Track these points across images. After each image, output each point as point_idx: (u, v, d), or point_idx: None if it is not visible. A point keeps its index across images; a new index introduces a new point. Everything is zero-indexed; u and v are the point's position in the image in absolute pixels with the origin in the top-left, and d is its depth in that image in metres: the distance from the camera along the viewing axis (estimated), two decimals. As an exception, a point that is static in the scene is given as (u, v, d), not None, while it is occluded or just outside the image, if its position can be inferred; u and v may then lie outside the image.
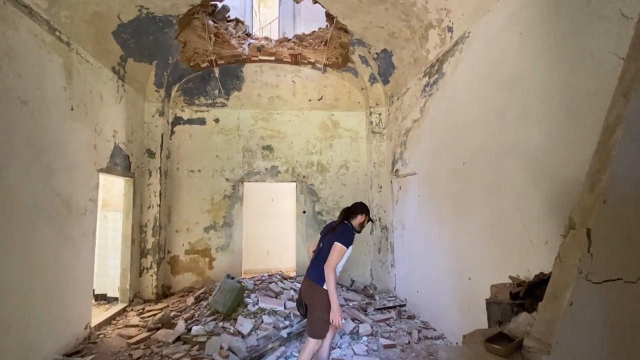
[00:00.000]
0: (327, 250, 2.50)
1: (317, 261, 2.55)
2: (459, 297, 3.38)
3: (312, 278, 2.54)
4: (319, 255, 2.56)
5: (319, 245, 2.65)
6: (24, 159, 2.80)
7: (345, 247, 2.46)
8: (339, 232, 2.54)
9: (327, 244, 2.53)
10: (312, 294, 2.51)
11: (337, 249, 2.44)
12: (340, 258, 2.46)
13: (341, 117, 6.02)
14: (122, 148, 4.54)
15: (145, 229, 5.12)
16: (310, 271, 2.59)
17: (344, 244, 2.46)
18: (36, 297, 2.93)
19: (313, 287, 2.51)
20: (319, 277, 2.47)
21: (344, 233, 2.52)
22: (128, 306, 4.63)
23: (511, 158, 2.67)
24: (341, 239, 2.48)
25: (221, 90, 5.78)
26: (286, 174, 5.87)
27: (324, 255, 2.50)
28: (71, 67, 3.42)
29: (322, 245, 2.60)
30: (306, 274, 2.64)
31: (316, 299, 2.48)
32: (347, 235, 2.52)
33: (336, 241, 2.46)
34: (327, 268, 2.41)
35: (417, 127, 4.44)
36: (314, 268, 2.56)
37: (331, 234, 2.56)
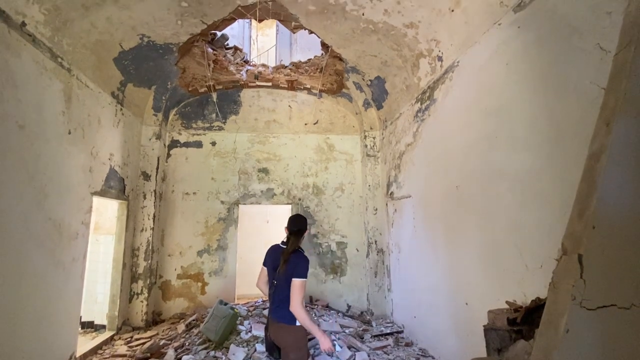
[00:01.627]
0: (285, 287, 2.25)
1: (277, 302, 2.30)
2: (457, 323, 3.31)
3: (279, 319, 2.30)
4: (277, 294, 2.30)
5: (273, 282, 2.36)
6: (18, 182, 2.78)
7: (305, 279, 2.24)
8: (293, 264, 2.26)
9: (283, 280, 2.27)
10: (284, 335, 2.29)
11: (297, 287, 2.20)
12: (304, 291, 2.23)
13: (336, 140, 6.12)
14: (118, 171, 4.54)
15: (137, 253, 5.02)
16: (274, 312, 2.32)
17: (303, 276, 2.24)
18: (22, 325, 2.82)
19: (283, 329, 2.29)
20: (286, 316, 2.25)
21: (299, 265, 2.26)
22: (116, 334, 4.45)
23: (503, 182, 2.72)
24: (299, 273, 2.23)
25: (218, 114, 5.88)
26: (282, 196, 5.87)
27: (283, 294, 2.25)
28: (71, 92, 3.48)
29: (276, 283, 2.32)
30: (270, 314, 2.39)
31: (289, 339, 2.27)
32: (304, 266, 2.28)
33: (294, 278, 2.22)
34: (295, 309, 2.18)
35: (411, 151, 4.52)
36: (277, 308, 2.30)
37: (283, 266, 2.28)
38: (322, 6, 3.89)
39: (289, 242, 2.37)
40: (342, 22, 4.11)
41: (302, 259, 2.31)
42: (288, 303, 2.22)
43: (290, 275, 2.23)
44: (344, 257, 5.78)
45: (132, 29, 3.92)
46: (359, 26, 4.10)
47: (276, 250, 2.45)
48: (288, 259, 2.29)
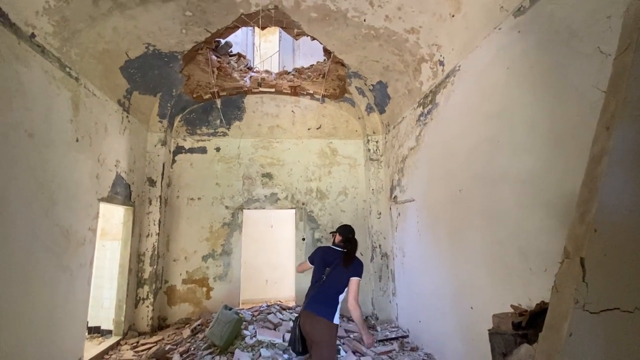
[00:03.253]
0: (335, 285, 2.48)
1: (323, 296, 2.44)
2: (462, 327, 3.29)
3: (319, 313, 2.38)
4: (325, 290, 2.45)
5: (322, 277, 2.51)
6: (26, 190, 2.84)
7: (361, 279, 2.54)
8: (355, 266, 2.56)
9: (337, 278, 2.50)
10: (322, 330, 2.36)
11: (357, 284, 2.49)
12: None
13: (339, 145, 6.15)
14: (124, 177, 4.60)
15: (143, 258, 5.06)
16: (315, 305, 2.42)
17: (361, 276, 2.54)
18: (30, 330, 2.87)
19: (322, 323, 2.36)
20: (328, 312, 2.39)
21: (360, 266, 2.58)
22: (122, 339, 4.48)
23: (505, 185, 2.72)
24: (359, 273, 2.54)
25: (222, 120, 5.95)
26: (285, 201, 5.90)
27: (332, 291, 2.46)
28: (78, 101, 3.56)
29: (325, 279, 2.48)
30: (308, 308, 2.45)
31: (326, 335, 2.36)
32: (361, 267, 2.59)
33: (355, 276, 2.50)
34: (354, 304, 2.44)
35: (414, 155, 4.53)
36: (321, 302, 2.42)
37: (343, 267, 2.54)
38: (324, 13, 3.94)
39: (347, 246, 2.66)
40: (344, 29, 4.16)
41: (360, 262, 2.62)
42: (334, 300, 2.44)
43: (350, 275, 2.50)
44: (348, 262, 5.76)
45: (137, 38, 4.01)
46: (360, 32, 4.15)
47: (328, 250, 2.73)
48: (349, 262, 2.56)
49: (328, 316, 2.38)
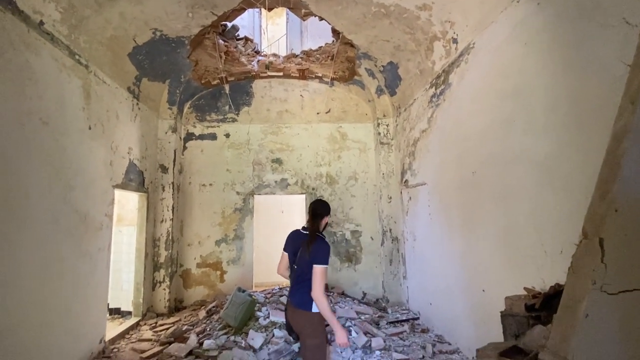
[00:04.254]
0: (306, 272, 2.19)
1: (297, 286, 2.26)
2: (473, 309, 3.30)
3: (296, 304, 2.26)
4: (298, 279, 2.26)
5: (293, 267, 2.33)
6: (45, 176, 2.92)
7: (326, 266, 2.17)
8: (315, 251, 2.19)
9: (304, 265, 2.21)
10: (301, 321, 2.26)
11: (321, 273, 2.14)
12: (325, 279, 2.18)
13: (349, 129, 6.08)
14: (137, 164, 4.68)
15: (158, 243, 5.20)
16: (292, 297, 2.30)
17: (324, 263, 2.16)
18: (54, 311, 3.01)
19: (300, 314, 2.25)
20: (304, 302, 2.21)
21: (320, 251, 2.19)
22: (141, 320, 4.67)
23: (520, 167, 2.65)
24: (319, 259, 2.16)
25: (231, 106, 5.93)
26: (295, 186, 5.91)
27: (304, 279, 2.21)
28: (89, 89, 3.59)
29: (296, 268, 2.27)
30: (288, 298, 2.37)
31: (307, 325, 2.22)
32: (325, 252, 2.20)
33: (315, 264, 2.15)
34: (316, 296, 2.12)
35: (426, 137, 4.45)
36: (296, 293, 2.27)
37: (304, 252, 2.22)
38: (332, -9, 3.81)
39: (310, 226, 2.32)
40: (353, 7, 4.03)
41: (322, 246, 2.22)
42: (306, 288, 2.17)
43: (312, 261, 2.17)
44: (358, 246, 5.81)
45: (144, 23, 3.98)
46: (370, 10, 4.01)
47: (296, 235, 2.40)
48: (309, 245, 2.22)
49: (305, 306, 2.20)
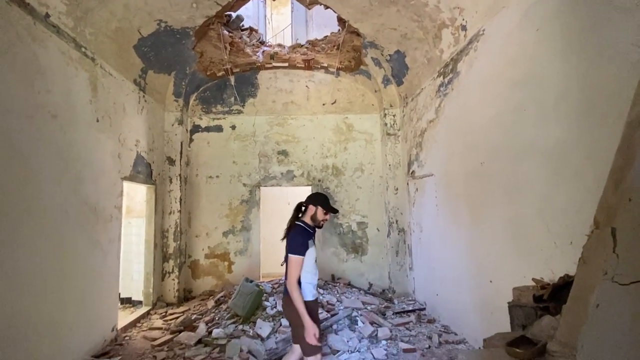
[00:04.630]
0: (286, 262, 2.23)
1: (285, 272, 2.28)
2: (480, 300, 3.30)
3: (284, 292, 2.31)
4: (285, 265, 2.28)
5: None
6: (55, 169, 2.96)
7: (299, 256, 2.17)
8: (289, 241, 2.25)
9: (286, 255, 2.25)
10: (287, 310, 2.29)
11: (291, 263, 2.16)
12: (299, 269, 2.18)
13: (355, 120, 6.03)
14: (144, 156, 4.72)
15: (166, 234, 5.28)
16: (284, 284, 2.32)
17: (296, 253, 2.18)
18: (67, 300, 3.09)
19: (286, 303, 2.27)
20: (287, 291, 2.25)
21: (292, 240, 2.23)
22: (152, 309, 4.78)
23: (530, 157, 2.60)
24: (292, 249, 2.19)
25: (237, 97, 5.92)
26: (302, 178, 5.92)
27: (286, 269, 2.23)
28: (96, 81, 3.60)
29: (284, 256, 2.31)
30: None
31: (293, 314, 2.21)
32: (296, 241, 2.22)
33: (288, 253, 2.20)
34: (289, 286, 2.15)
35: (433, 128, 4.39)
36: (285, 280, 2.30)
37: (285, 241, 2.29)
38: (338, -21, 3.74)
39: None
40: (359, -5, 3.95)
41: (294, 234, 2.25)
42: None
43: (287, 251, 2.22)
44: (364, 237, 5.82)
45: (149, 14, 3.95)
46: (376, -2, 3.92)
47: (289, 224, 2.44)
48: (286, 235, 2.31)
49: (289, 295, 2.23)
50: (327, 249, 5.77)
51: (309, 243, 2.25)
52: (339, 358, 3.19)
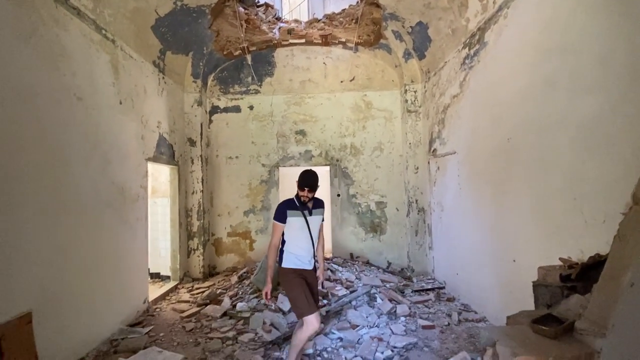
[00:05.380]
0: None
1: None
2: (502, 279, 3.24)
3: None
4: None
5: None
6: (83, 151, 3.08)
7: (276, 222, 2.51)
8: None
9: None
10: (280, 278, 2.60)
11: (272, 227, 2.57)
12: (276, 234, 2.50)
13: (374, 97, 5.86)
14: (166, 138, 4.82)
15: (190, 214, 5.46)
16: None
17: (275, 218, 2.53)
18: (103, 275, 3.29)
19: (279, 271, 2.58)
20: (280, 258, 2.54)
21: (276, 208, 2.58)
22: (179, 284, 5.04)
23: (563, 131, 2.45)
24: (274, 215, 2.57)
25: (254, 76, 5.87)
26: (319, 158, 5.89)
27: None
28: (117, 64, 3.66)
29: None
30: None
31: (284, 283, 2.53)
32: (278, 209, 2.53)
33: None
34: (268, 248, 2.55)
35: (457, 103, 4.20)
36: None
37: None
38: (356, -55, 3.52)
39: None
40: (379, -38, 3.72)
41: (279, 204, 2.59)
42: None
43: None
44: (383, 217, 5.80)
45: (165, -7, 3.92)
46: (397, -36, 3.69)
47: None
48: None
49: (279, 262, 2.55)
50: (346, 228, 5.81)
51: (288, 213, 2.46)
52: (358, 332, 3.27)
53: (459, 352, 2.88)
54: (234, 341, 3.22)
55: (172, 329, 3.58)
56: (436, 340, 3.16)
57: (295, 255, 2.49)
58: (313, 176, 2.46)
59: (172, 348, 3.14)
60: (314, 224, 2.53)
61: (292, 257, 2.49)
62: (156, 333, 3.46)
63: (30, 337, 2.34)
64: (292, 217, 2.47)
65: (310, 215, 2.52)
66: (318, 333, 3.07)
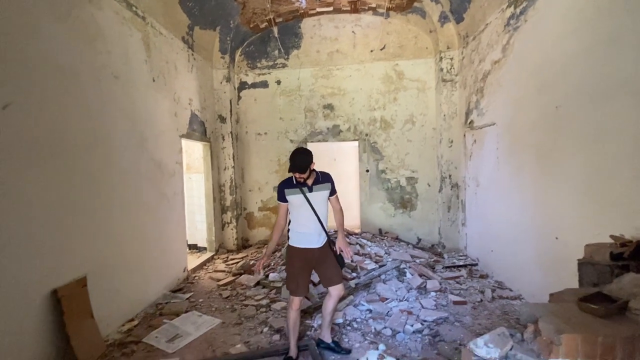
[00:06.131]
0: None
1: None
2: (542, 257, 3.09)
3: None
4: None
5: None
6: (124, 128, 3.23)
7: (279, 202, 2.50)
8: None
9: None
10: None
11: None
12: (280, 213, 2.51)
13: (406, 66, 5.56)
14: (198, 115, 4.93)
15: (223, 189, 5.66)
16: None
17: (278, 199, 2.51)
18: (146, 245, 3.54)
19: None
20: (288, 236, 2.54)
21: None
22: (215, 255, 5.32)
23: (623, 97, 2.18)
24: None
25: (281, 49, 5.76)
26: (348, 133, 5.78)
27: None
28: (149, 41, 3.71)
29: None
30: None
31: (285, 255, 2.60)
32: (278, 189, 2.49)
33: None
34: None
35: (498, 70, 3.88)
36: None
37: None
38: None
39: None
40: None
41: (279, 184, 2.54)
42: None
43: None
44: (414, 192, 5.66)
45: (190, -35, 3.85)
46: None
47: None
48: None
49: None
50: (375, 204, 5.76)
51: (286, 192, 2.42)
52: (387, 305, 3.30)
53: (492, 328, 2.82)
54: (267, 309, 3.38)
55: (210, 295, 3.82)
56: (468, 315, 3.12)
57: (300, 234, 2.43)
58: (301, 157, 2.32)
59: (211, 313, 3.36)
60: (317, 200, 2.41)
61: (297, 236, 2.45)
62: (196, 299, 3.72)
63: (86, 298, 2.59)
64: (291, 195, 2.41)
65: (310, 191, 2.40)
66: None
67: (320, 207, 2.42)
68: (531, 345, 1.21)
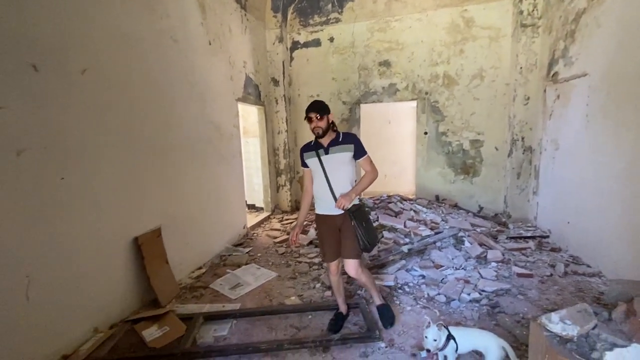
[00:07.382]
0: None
1: None
2: (635, 232, 2.64)
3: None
4: None
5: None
6: (183, 92, 3.38)
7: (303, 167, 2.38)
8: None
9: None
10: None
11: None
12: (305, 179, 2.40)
13: (477, 11, 4.84)
14: (252, 78, 4.97)
15: (277, 152, 5.80)
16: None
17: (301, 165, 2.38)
18: (210, 202, 3.83)
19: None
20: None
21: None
22: (271, 215, 5.61)
23: None
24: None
25: (334, 2, 5.39)
26: (405, 92, 5.38)
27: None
28: (204, 3, 3.72)
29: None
30: None
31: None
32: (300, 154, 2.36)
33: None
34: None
35: (597, 6, 3.16)
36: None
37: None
38: None
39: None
40: None
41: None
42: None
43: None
44: (478, 157, 5.18)
45: None
46: None
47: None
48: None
49: None
50: (432, 169, 5.43)
51: (304, 155, 2.31)
52: (442, 272, 3.19)
53: (562, 304, 2.57)
54: (319, 266, 3.51)
55: (267, 251, 4.07)
56: (534, 289, 2.87)
57: (318, 199, 2.31)
58: (317, 101, 2.24)
59: (268, 267, 3.60)
60: (331, 164, 2.19)
61: (317, 202, 2.34)
62: (254, 253, 4.00)
63: (161, 246, 2.93)
64: (308, 159, 2.27)
65: (326, 154, 2.20)
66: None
67: (335, 171, 2.20)
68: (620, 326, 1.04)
